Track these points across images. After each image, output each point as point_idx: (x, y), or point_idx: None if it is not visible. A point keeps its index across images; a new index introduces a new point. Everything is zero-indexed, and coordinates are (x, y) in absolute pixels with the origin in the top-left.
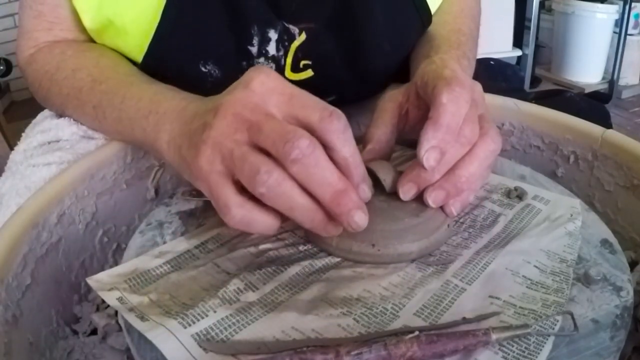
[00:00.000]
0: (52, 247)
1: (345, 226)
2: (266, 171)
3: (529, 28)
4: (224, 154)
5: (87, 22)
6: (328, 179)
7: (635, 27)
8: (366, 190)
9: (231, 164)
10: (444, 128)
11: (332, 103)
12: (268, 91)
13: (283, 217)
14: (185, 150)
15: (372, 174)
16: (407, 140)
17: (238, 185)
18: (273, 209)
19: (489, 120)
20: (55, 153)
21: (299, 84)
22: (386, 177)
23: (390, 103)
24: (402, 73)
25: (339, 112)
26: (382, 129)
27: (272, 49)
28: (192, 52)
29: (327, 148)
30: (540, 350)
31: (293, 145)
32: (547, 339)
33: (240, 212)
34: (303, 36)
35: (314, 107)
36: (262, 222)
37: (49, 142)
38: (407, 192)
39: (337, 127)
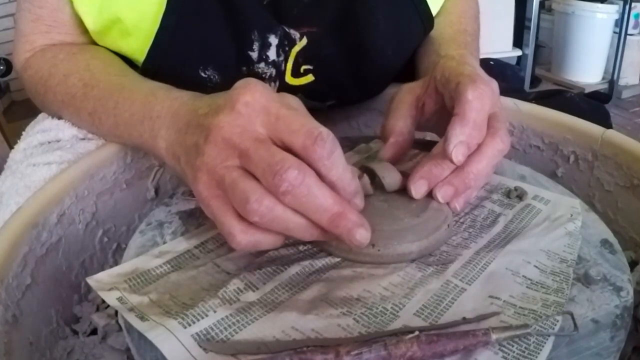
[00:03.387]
0: (52, 247)
1: (349, 244)
2: (256, 200)
3: (529, 28)
4: (217, 180)
5: (90, 24)
6: (322, 205)
7: (635, 27)
8: (358, 204)
9: (225, 190)
10: (470, 124)
11: (331, 106)
12: (254, 112)
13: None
14: (184, 165)
15: (372, 173)
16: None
17: None
18: None
19: (500, 119)
20: (56, 152)
21: (300, 88)
22: (387, 176)
23: (408, 95)
24: (401, 74)
25: (324, 135)
26: (403, 121)
27: (272, 54)
28: (191, 58)
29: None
30: (540, 350)
31: (282, 178)
32: (547, 339)
33: (245, 238)
34: (304, 41)
35: (298, 133)
36: (267, 242)
37: (49, 142)
38: (419, 188)
39: (320, 154)
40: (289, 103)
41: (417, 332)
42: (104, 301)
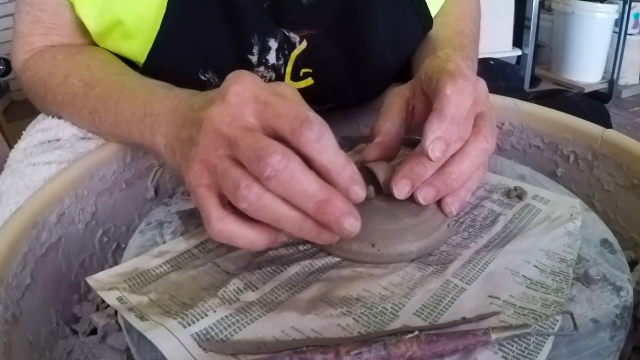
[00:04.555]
0: (52, 247)
1: (338, 234)
2: (246, 186)
3: (529, 28)
4: (210, 169)
5: (91, 26)
6: (308, 192)
7: (635, 27)
8: (358, 192)
9: (217, 179)
10: (448, 119)
11: (331, 109)
12: (244, 102)
13: (273, 234)
14: (179, 158)
15: (371, 173)
16: (408, 140)
17: (225, 199)
18: (258, 226)
19: (487, 118)
20: (56, 152)
21: (299, 92)
22: (383, 177)
23: (398, 98)
24: (401, 76)
25: (311, 119)
26: (391, 122)
27: (272, 58)
28: (191, 61)
29: (305, 158)
30: (540, 350)
31: (266, 163)
32: (547, 339)
33: (219, 226)
34: (304, 45)
35: (286, 118)
36: (243, 237)
37: (50, 141)
38: (401, 189)
39: (308, 137)
40: (279, 91)
41: (417, 332)
42: (104, 301)
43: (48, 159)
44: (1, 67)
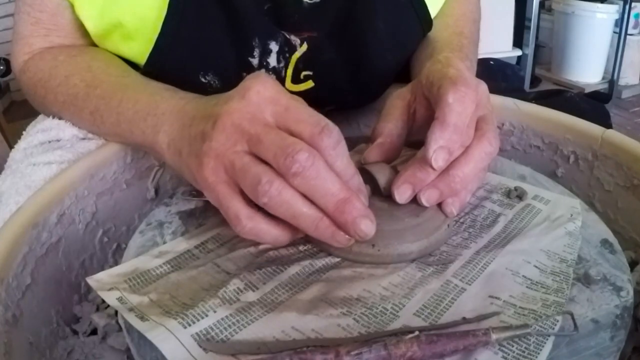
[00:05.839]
0: (52, 247)
1: (352, 235)
2: (267, 181)
3: (529, 28)
4: (226, 165)
5: (91, 28)
6: (330, 189)
7: (635, 27)
8: (362, 200)
9: (234, 175)
10: (450, 128)
11: (331, 110)
12: (264, 101)
13: (294, 231)
14: (186, 156)
15: (370, 175)
16: (409, 141)
17: (246, 195)
18: (282, 222)
19: (489, 121)
20: (56, 152)
21: (299, 95)
22: (383, 179)
23: (399, 100)
24: (401, 76)
25: (330, 127)
26: (393, 123)
27: (273, 60)
28: (192, 63)
29: None
30: (540, 350)
31: (293, 160)
32: (547, 339)
33: (250, 224)
34: (304, 47)
35: (306, 122)
36: (270, 234)
37: (50, 141)
38: (402, 193)
39: (327, 144)
40: (296, 98)
41: (417, 332)
42: (104, 301)
43: (48, 159)
44: (1, 67)
